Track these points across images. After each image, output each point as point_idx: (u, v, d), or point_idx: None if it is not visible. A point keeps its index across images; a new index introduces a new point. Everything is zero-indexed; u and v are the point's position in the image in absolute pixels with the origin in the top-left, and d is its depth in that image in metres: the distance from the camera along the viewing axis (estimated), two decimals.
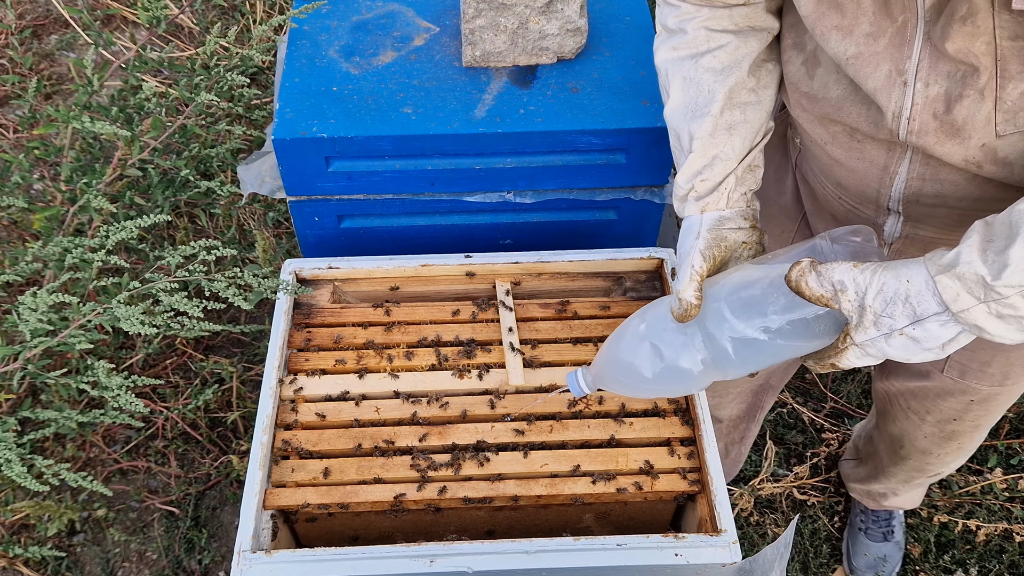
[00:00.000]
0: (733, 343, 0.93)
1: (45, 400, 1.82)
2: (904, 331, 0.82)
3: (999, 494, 1.97)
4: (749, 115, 1.06)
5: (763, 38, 1.06)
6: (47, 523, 1.83)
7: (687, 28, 1.06)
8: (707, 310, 0.96)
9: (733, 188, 1.06)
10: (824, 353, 0.90)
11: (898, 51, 0.90)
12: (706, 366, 0.96)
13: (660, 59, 1.10)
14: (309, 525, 1.19)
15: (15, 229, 2.21)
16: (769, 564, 1.06)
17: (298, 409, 1.20)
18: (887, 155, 1.00)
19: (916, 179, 0.99)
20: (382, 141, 1.33)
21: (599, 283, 1.38)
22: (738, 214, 1.06)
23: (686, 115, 1.06)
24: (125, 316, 1.20)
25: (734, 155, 1.05)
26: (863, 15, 0.91)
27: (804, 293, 0.86)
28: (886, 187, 1.03)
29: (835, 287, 0.84)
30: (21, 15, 3.03)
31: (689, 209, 1.07)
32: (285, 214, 2.35)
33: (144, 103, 1.66)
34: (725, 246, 1.03)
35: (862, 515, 1.90)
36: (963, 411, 1.38)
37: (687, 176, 1.06)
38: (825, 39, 0.95)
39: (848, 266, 0.85)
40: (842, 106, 1.00)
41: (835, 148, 1.05)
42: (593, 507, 1.18)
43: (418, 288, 1.36)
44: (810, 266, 0.86)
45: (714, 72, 1.05)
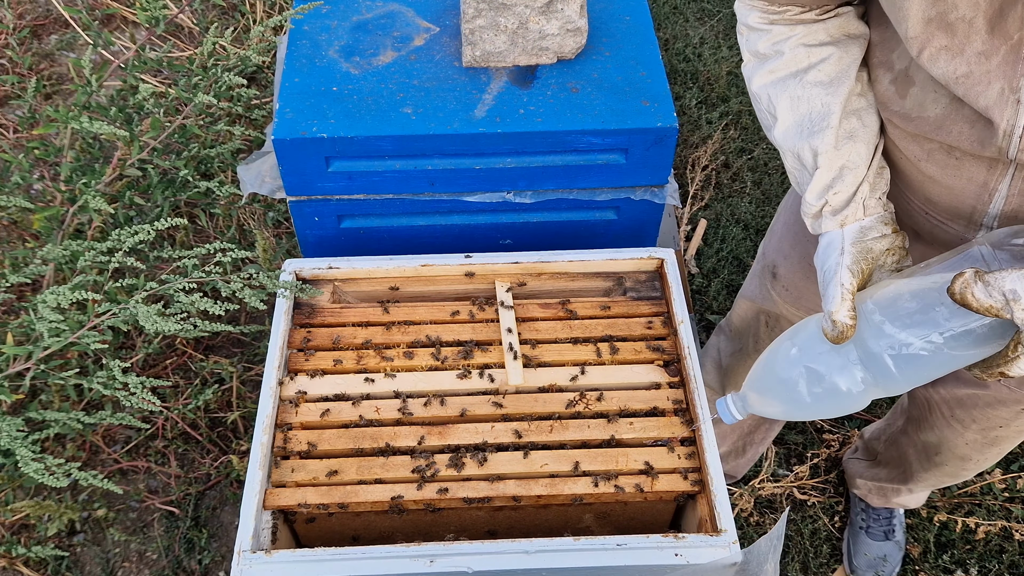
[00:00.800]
0: (895, 360, 0.91)
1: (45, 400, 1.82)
2: None
3: (998, 494, 1.97)
4: (865, 119, 1.05)
5: (861, 44, 1.05)
6: (47, 523, 1.83)
7: (783, 49, 1.05)
8: (863, 328, 0.94)
9: (868, 195, 1.04)
10: (992, 362, 0.88)
11: (1011, 69, 0.89)
12: (867, 385, 0.95)
13: (758, 85, 1.09)
14: (309, 525, 1.19)
15: (15, 229, 2.21)
16: (763, 556, 1.06)
17: (298, 409, 1.20)
18: (987, 172, 0.98)
19: (1017, 195, 0.98)
20: (382, 141, 1.33)
21: (599, 283, 1.38)
22: (878, 220, 1.04)
23: (802, 133, 1.05)
24: (145, 315, 1.21)
25: (862, 162, 1.04)
26: (975, 34, 0.89)
27: (971, 305, 0.83)
28: (983, 204, 1.01)
29: (1006, 296, 0.82)
30: (21, 15, 3.03)
31: (827, 225, 1.05)
32: (285, 214, 2.35)
33: (143, 103, 1.66)
34: (872, 257, 1.01)
35: (863, 514, 1.90)
36: (1011, 419, 1.36)
37: (817, 192, 1.05)
38: (932, 60, 0.93)
39: (1019, 274, 0.82)
40: (942, 125, 0.99)
41: (930, 165, 1.04)
42: (593, 507, 1.18)
43: (418, 288, 1.36)
44: (975, 276, 0.83)
45: (823, 86, 1.04)
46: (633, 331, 1.30)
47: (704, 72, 2.92)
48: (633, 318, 1.31)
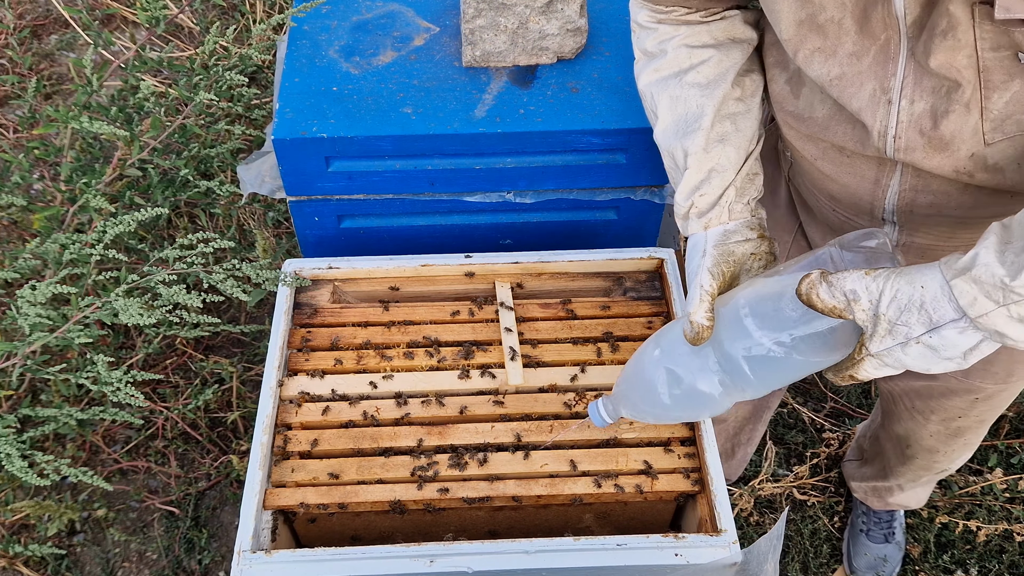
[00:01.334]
0: (749, 362, 0.91)
1: (45, 400, 1.82)
2: (921, 339, 0.79)
3: (999, 495, 1.97)
4: (740, 124, 1.05)
5: (744, 49, 1.06)
6: (47, 523, 1.83)
7: (667, 48, 1.05)
8: (720, 329, 0.94)
9: (734, 200, 1.05)
10: (842, 365, 0.88)
11: (882, 69, 0.89)
12: (725, 387, 0.95)
13: (643, 83, 1.09)
14: (309, 525, 1.19)
15: (15, 229, 2.21)
16: (763, 555, 1.06)
17: (298, 409, 1.20)
18: (877, 169, 0.99)
19: (909, 191, 0.99)
20: (382, 141, 1.33)
21: (599, 283, 1.38)
22: (743, 225, 1.04)
23: (677, 133, 1.06)
24: (123, 308, 1.20)
25: (730, 166, 1.04)
26: (845, 35, 0.89)
27: (816, 305, 0.84)
28: (879, 200, 1.02)
29: (847, 297, 0.82)
30: (21, 15, 3.03)
31: (692, 227, 1.06)
32: (285, 214, 2.35)
33: (143, 103, 1.66)
34: (733, 260, 1.01)
35: (864, 516, 1.90)
36: (968, 408, 1.37)
37: (686, 193, 1.05)
38: (808, 62, 0.93)
39: (859, 274, 0.82)
40: (828, 126, 0.99)
41: (825, 164, 1.05)
42: (593, 507, 1.18)
43: (418, 288, 1.36)
44: (820, 277, 0.84)
45: (700, 87, 1.04)
46: (633, 331, 1.30)
47: None
48: (633, 318, 1.31)
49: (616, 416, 1.06)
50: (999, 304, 0.74)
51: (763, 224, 1.06)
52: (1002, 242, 0.76)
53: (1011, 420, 2.10)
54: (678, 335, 0.97)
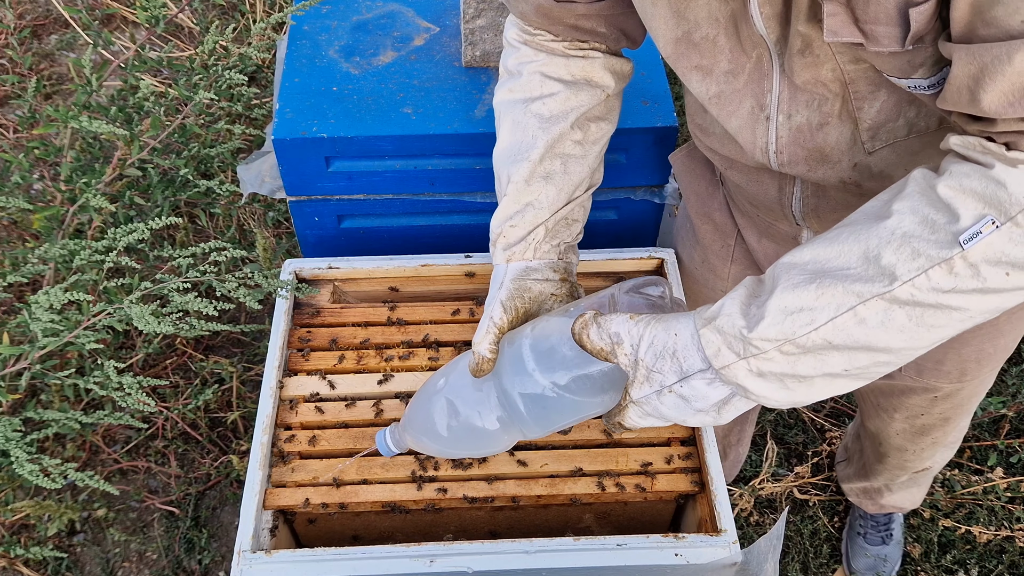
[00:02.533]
0: (523, 399, 0.89)
1: (45, 400, 1.82)
2: (673, 388, 0.79)
3: (1000, 495, 1.97)
4: (570, 167, 1.03)
5: (596, 95, 1.04)
6: (47, 523, 1.83)
7: (523, 71, 1.04)
8: (502, 364, 0.92)
9: (542, 239, 1.02)
10: (612, 412, 0.87)
11: (758, 86, 0.88)
12: (503, 424, 0.93)
13: (496, 100, 1.08)
14: (309, 525, 1.19)
15: (15, 229, 2.21)
16: (763, 555, 1.06)
17: (298, 409, 1.20)
18: (780, 179, 0.99)
19: (811, 196, 0.98)
20: (382, 141, 1.33)
21: (599, 283, 1.38)
22: (546, 266, 1.02)
23: (508, 158, 1.04)
24: (138, 315, 1.20)
25: (547, 204, 1.02)
26: (720, 53, 0.88)
27: (586, 346, 0.83)
28: (787, 206, 1.03)
29: (612, 339, 0.81)
30: (21, 15, 3.03)
31: (497, 257, 1.04)
32: (285, 214, 2.35)
33: (143, 103, 1.66)
34: (530, 297, 0.99)
35: (860, 519, 1.90)
36: (929, 406, 1.37)
37: (499, 220, 1.03)
38: (687, 79, 0.92)
39: (625, 318, 0.82)
40: (723, 142, 0.99)
41: (734, 174, 1.05)
42: (593, 507, 1.18)
43: (418, 288, 1.36)
44: (593, 318, 0.83)
45: (540, 119, 1.02)
46: None
47: None
48: None
49: (403, 446, 1.03)
50: (740, 356, 0.74)
51: (569, 269, 1.04)
52: (750, 295, 0.76)
53: (1011, 420, 2.10)
54: (464, 367, 0.96)
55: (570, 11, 0.98)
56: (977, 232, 0.67)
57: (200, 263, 1.30)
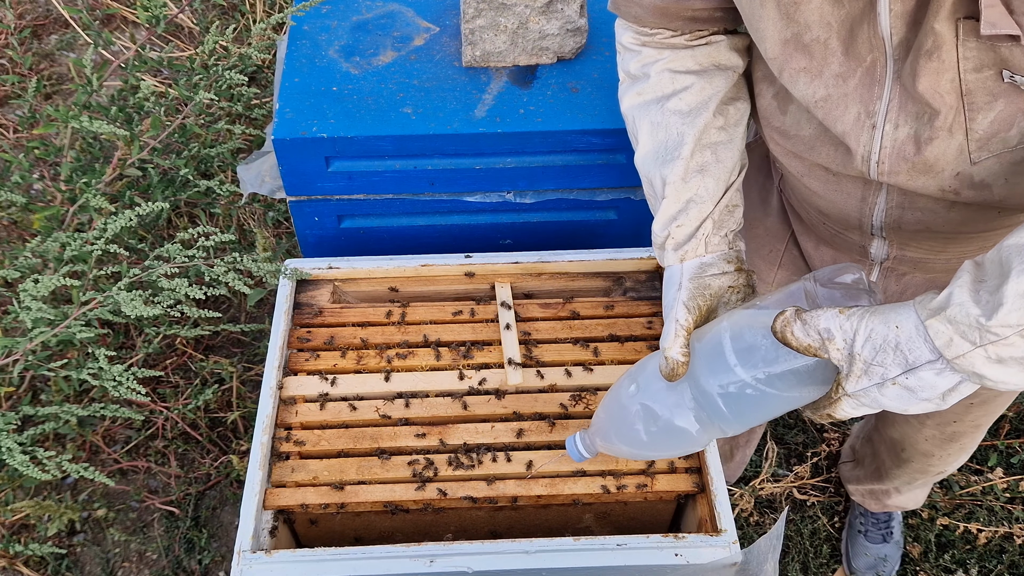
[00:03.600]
0: (725, 398, 0.89)
1: (45, 399, 1.82)
2: (897, 380, 0.77)
3: (999, 495, 1.97)
4: (721, 155, 1.03)
5: (729, 76, 1.03)
6: (47, 523, 1.83)
7: (650, 72, 1.03)
8: (696, 365, 0.92)
9: (711, 232, 1.02)
10: (820, 404, 0.86)
11: (868, 92, 0.88)
12: (702, 424, 0.93)
13: (626, 106, 1.07)
14: (309, 526, 1.19)
15: (15, 229, 2.21)
16: (763, 555, 1.06)
17: (298, 409, 1.20)
18: (864, 188, 0.98)
19: (895, 208, 0.98)
20: (382, 141, 1.33)
21: (599, 283, 1.38)
22: (720, 258, 1.01)
23: (656, 160, 1.03)
24: (126, 301, 1.20)
25: (709, 197, 1.02)
26: (832, 56, 0.88)
27: (791, 343, 0.82)
28: (867, 216, 1.01)
29: (822, 336, 0.80)
30: (21, 15, 3.03)
31: (668, 259, 1.03)
32: (285, 214, 2.35)
33: (143, 103, 1.66)
34: (710, 294, 0.99)
35: (861, 517, 1.90)
36: (963, 413, 1.36)
37: (662, 223, 1.02)
38: (793, 81, 0.92)
39: (834, 312, 0.80)
40: (813, 145, 0.98)
41: (811, 180, 1.03)
42: (593, 507, 1.18)
43: (418, 288, 1.36)
44: (795, 315, 0.82)
45: (681, 115, 1.02)
46: (633, 331, 1.30)
47: None
48: (633, 318, 1.31)
49: (594, 451, 1.03)
50: (976, 345, 0.72)
51: (741, 257, 1.04)
52: (975, 280, 0.74)
53: (1011, 420, 2.10)
54: (654, 370, 0.95)
55: (687, 6, 0.99)
56: None
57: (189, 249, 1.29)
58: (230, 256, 1.27)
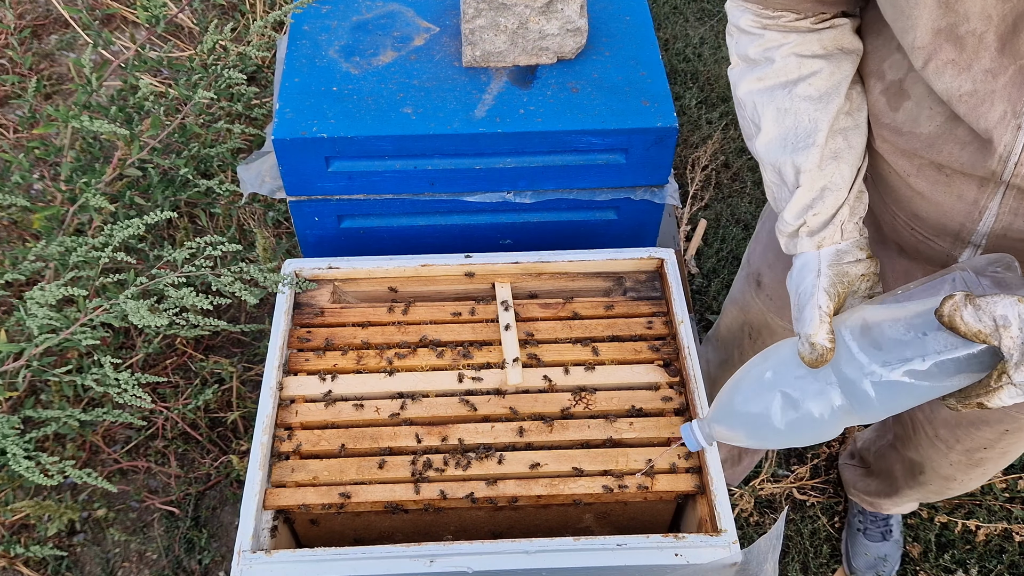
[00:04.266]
0: (876, 388, 0.88)
1: (45, 400, 1.82)
2: None
3: (999, 494, 1.97)
4: (851, 140, 1.02)
5: (853, 60, 1.02)
6: (47, 523, 1.83)
7: (774, 57, 1.01)
8: (841, 353, 0.90)
9: (847, 219, 1.01)
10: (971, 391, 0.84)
11: (1017, 91, 0.86)
12: (843, 412, 0.91)
13: (744, 91, 1.05)
14: (310, 526, 1.19)
15: (15, 229, 2.21)
16: (763, 555, 1.06)
17: (298, 409, 1.20)
18: (978, 190, 0.96)
19: (1008, 214, 0.96)
20: (382, 141, 1.33)
21: (599, 283, 1.38)
22: (854, 245, 1.01)
23: (786, 148, 1.02)
24: (133, 310, 1.20)
25: (844, 184, 1.01)
26: (984, 50, 0.86)
27: (959, 329, 0.80)
28: (972, 222, 0.99)
29: (996, 322, 0.79)
30: (21, 15, 3.03)
31: (803, 245, 1.02)
32: (285, 214, 2.35)
33: (143, 102, 1.66)
34: (847, 281, 0.98)
35: (860, 516, 1.90)
36: (995, 440, 1.33)
37: (796, 211, 1.01)
38: (938, 73, 0.90)
39: (1012, 300, 0.79)
40: (934, 143, 0.96)
41: (919, 181, 1.01)
42: (593, 507, 1.18)
43: (418, 288, 1.36)
44: (965, 300, 0.81)
45: (812, 100, 1.00)
46: (633, 331, 1.30)
47: (704, 72, 2.92)
48: (633, 318, 1.31)
49: (712, 440, 1.02)
50: None
51: (869, 244, 1.03)
52: None
53: None
54: (790, 357, 0.94)
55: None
56: None
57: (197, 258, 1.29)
58: (236, 265, 1.27)
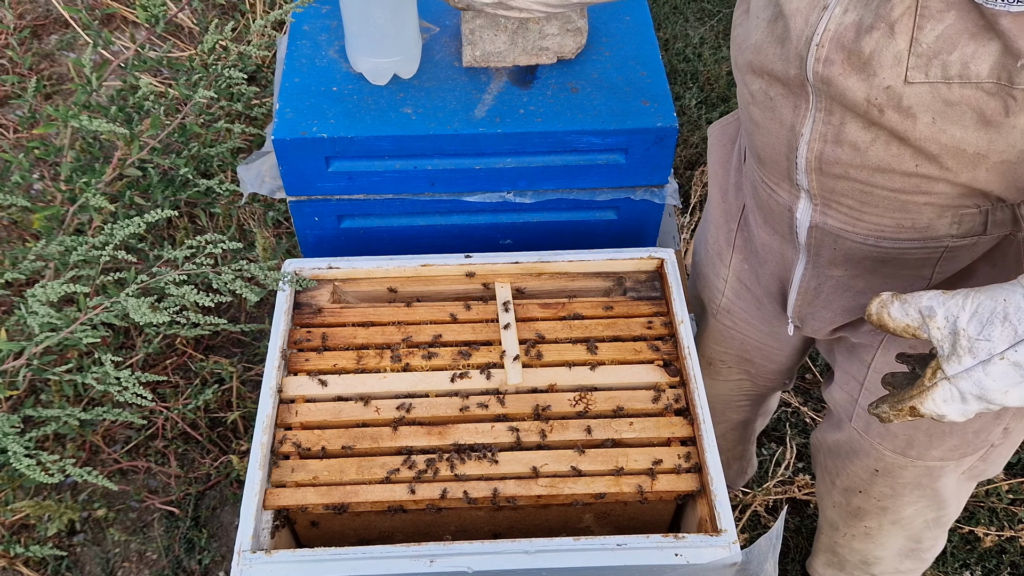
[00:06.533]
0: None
1: (45, 400, 1.82)
2: (1005, 355, 0.75)
3: (1003, 496, 1.96)
4: None
5: None
6: (47, 523, 1.83)
7: None
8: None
9: None
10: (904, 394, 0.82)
11: None
12: None
13: None
14: (312, 528, 1.19)
15: (15, 229, 2.21)
16: (763, 555, 1.06)
17: (298, 409, 1.20)
18: (793, 114, 0.96)
19: (819, 140, 0.95)
20: (382, 141, 1.33)
21: (599, 283, 1.38)
22: None
23: None
24: (134, 308, 1.20)
25: None
26: None
27: (888, 325, 0.80)
28: (793, 152, 0.99)
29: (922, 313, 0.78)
30: (21, 15, 3.03)
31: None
32: (285, 214, 2.35)
33: (143, 102, 1.66)
34: None
35: None
36: (868, 482, 1.31)
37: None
38: None
39: (937, 292, 0.79)
40: (760, 48, 0.97)
41: (755, 109, 1.02)
42: (593, 507, 1.17)
43: (418, 288, 1.36)
44: (892, 297, 0.80)
45: None
46: (633, 331, 1.29)
47: (704, 72, 2.92)
48: (633, 318, 1.31)
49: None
50: None
51: None
52: None
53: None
54: None
55: None
56: None
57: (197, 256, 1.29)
58: (236, 263, 1.27)
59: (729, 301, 1.35)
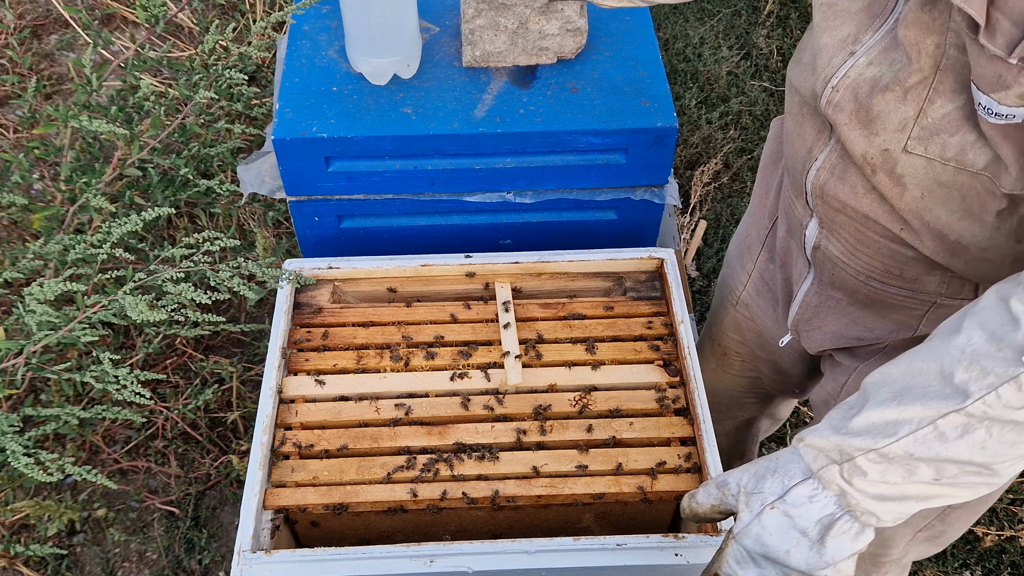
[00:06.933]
0: None
1: (45, 400, 1.82)
2: (775, 505, 0.79)
3: (1003, 496, 1.96)
4: None
5: None
6: (47, 523, 1.83)
7: None
8: None
9: None
10: (708, 565, 0.86)
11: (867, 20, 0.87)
12: None
13: None
14: (312, 528, 1.19)
15: (15, 229, 2.21)
16: None
17: (298, 409, 1.20)
18: (815, 137, 0.98)
19: (827, 170, 0.97)
20: (382, 141, 1.33)
21: (599, 283, 1.38)
22: None
23: None
24: (132, 305, 1.20)
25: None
26: None
27: (698, 512, 0.86)
28: (806, 173, 1.01)
29: (719, 488, 0.84)
30: (21, 15, 3.03)
31: None
32: (285, 214, 2.35)
33: (143, 102, 1.66)
34: None
35: None
36: None
37: None
38: None
39: (737, 470, 0.84)
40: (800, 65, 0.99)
41: (790, 119, 1.04)
42: (593, 507, 1.17)
43: (418, 288, 1.36)
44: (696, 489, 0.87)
45: None
46: (633, 331, 1.29)
47: (704, 72, 2.92)
48: (633, 318, 1.31)
49: None
50: (835, 462, 0.76)
51: None
52: (848, 407, 0.78)
53: None
54: None
55: None
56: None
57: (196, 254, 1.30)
58: (234, 260, 1.27)
59: (749, 296, 1.37)
